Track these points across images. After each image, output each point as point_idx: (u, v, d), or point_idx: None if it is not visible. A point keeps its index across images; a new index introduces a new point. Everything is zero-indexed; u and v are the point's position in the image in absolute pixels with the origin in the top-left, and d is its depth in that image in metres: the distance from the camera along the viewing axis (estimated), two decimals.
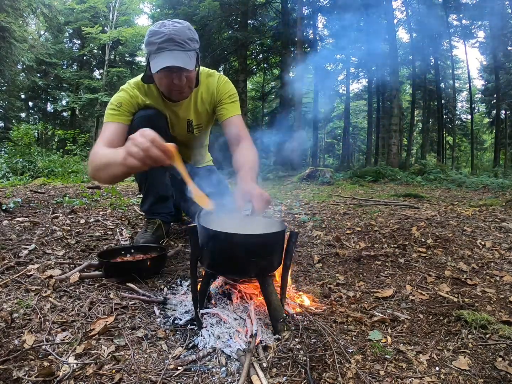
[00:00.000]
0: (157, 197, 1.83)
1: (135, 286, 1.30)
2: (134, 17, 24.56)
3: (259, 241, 1.02)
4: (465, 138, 24.98)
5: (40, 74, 20.62)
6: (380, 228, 2.39)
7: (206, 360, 0.90)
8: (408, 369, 0.89)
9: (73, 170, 7.49)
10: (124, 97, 1.56)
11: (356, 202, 4.03)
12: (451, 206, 3.84)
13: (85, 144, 10.81)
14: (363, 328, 1.09)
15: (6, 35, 12.91)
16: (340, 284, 1.46)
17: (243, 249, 1.00)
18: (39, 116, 23.20)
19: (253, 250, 1.00)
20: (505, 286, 1.44)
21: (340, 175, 9.71)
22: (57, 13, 16.75)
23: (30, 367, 0.83)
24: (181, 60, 1.36)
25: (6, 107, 18.95)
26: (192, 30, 1.43)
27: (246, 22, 13.97)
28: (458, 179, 8.54)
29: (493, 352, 0.97)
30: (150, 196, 1.85)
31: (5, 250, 1.57)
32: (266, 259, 1.03)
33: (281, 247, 1.07)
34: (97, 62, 22.61)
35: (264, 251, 1.02)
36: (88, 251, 1.69)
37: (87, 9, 19.60)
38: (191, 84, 1.54)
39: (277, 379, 0.84)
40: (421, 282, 1.48)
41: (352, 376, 0.85)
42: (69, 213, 2.43)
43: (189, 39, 1.39)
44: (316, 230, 2.30)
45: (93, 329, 1.00)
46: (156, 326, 1.06)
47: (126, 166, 1.04)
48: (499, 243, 2.05)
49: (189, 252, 1.70)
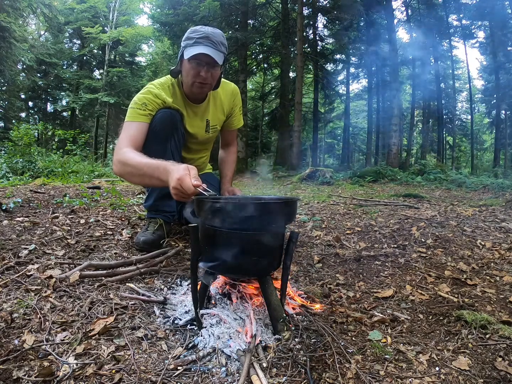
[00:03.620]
0: (163, 192, 1.83)
1: (135, 286, 1.30)
2: (134, 17, 24.55)
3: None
4: (465, 138, 24.97)
5: (40, 74, 20.63)
6: (380, 228, 2.39)
7: (206, 360, 0.90)
8: (408, 369, 0.89)
9: (73, 170, 7.48)
10: (149, 97, 1.63)
11: (356, 202, 4.03)
12: (451, 206, 3.85)
13: (85, 144, 10.80)
14: (363, 328, 1.09)
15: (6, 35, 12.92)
16: (340, 284, 1.46)
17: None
18: (39, 116, 23.19)
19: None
20: (505, 286, 1.44)
21: (340, 175, 9.70)
22: (57, 13, 16.74)
23: (30, 367, 0.83)
24: (213, 54, 1.52)
25: (6, 107, 18.95)
26: (224, 38, 1.62)
27: (246, 22, 13.95)
28: (458, 179, 8.54)
29: (493, 352, 0.97)
30: (155, 190, 1.85)
31: (5, 250, 1.57)
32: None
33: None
34: (97, 62, 22.60)
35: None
36: (88, 251, 1.69)
37: (87, 9, 19.59)
38: (213, 82, 1.66)
39: (277, 379, 0.84)
40: (421, 282, 1.48)
41: (352, 376, 0.85)
42: (69, 213, 2.43)
43: (222, 43, 1.57)
44: (316, 230, 2.30)
45: (93, 329, 1.00)
46: (156, 326, 1.06)
47: (160, 185, 1.23)
48: (499, 243, 2.05)
49: (189, 252, 1.70)
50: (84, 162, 9.20)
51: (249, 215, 0.94)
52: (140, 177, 1.33)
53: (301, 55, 12.18)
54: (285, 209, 1.04)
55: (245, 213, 0.94)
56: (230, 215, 0.94)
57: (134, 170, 1.34)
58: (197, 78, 1.59)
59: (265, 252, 1.03)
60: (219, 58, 1.55)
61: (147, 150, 1.48)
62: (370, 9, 13.24)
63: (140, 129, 1.57)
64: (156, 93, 1.65)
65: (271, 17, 15.55)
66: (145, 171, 1.28)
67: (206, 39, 1.52)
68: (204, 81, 1.60)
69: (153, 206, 1.89)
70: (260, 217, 0.95)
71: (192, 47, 1.52)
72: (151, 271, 1.46)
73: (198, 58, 1.53)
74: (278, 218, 1.01)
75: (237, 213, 0.95)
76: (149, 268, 1.47)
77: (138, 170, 1.31)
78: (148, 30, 19.17)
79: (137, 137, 1.53)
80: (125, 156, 1.39)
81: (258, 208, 0.97)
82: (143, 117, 1.59)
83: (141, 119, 1.59)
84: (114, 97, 18.87)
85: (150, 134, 1.61)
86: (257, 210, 0.96)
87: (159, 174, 1.21)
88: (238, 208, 0.96)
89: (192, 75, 1.59)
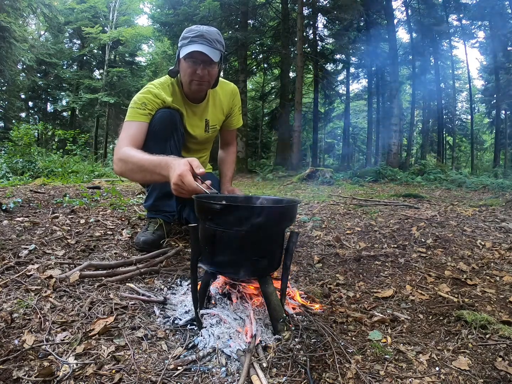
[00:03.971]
0: (163, 191, 1.83)
1: (135, 286, 1.30)
2: (134, 17, 24.55)
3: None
4: (465, 138, 24.97)
5: (40, 74, 20.64)
6: (380, 228, 2.39)
7: (206, 360, 0.90)
8: (408, 369, 0.89)
9: (73, 170, 7.48)
10: (148, 97, 1.63)
11: (356, 202, 4.03)
12: (451, 206, 3.84)
13: (85, 144, 10.80)
14: (363, 328, 1.09)
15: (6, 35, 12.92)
16: (340, 284, 1.46)
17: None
18: (39, 116, 23.19)
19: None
20: (505, 286, 1.44)
21: (340, 175, 9.70)
22: (57, 13, 16.74)
23: (30, 367, 0.83)
24: (208, 51, 1.52)
25: (6, 107, 18.95)
26: (220, 35, 1.62)
27: (246, 22, 13.96)
28: (458, 179, 8.54)
29: (493, 352, 0.97)
30: (155, 190, 1.85)
31: (5, 250, 1.57)
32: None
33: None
34: (97, 62, 22.61)
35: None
36: (88, 251, 1.69)
37: (87, 9, 19.60)
38: (211, 80, 1.66)
39: (277, 379, 0.84)
40: (421, 282, 1.48)
41: (352, 376, 0.85)
42: (69, 213, 2.43)
43: (217, 40, 1.57)
44: (316, 230, 2.30)
45: (93, 329, 1.00)
46: (156, 326, 1.06)
47: (162, 181, 1.22)
48: (499, 243, 2.05)
49: (189, 252, 1.70)
50: (84, 162, 9.20)
51: (249, 216, 0.94)
52: (141, 174, 1.34)
53: (301, 55, 12.17)
54: (286, 211, 1.04)
55: (246, 213, 0.94)
56: (231, 215, 0.94)
57: (135, 167, 1.35)
58: (194, 77, 1.60)
59: (265, 252, 1.03)
60: (215, 56, 1.55)
61: (147, 150, 1.49)
62: (370, 9, 13.24)
63: (140, 129, 1.57)
64: (156, 92, 1.65)
65: (271, 17, 15.56)
66: (147, 167, 1.28)
67: (201, 37, 1.53)
68: (201, 79, 1.61)
69: (153, 206, 1.88)
70: (261, 218, 0.95)
71: (187, 46, 1.54)
72: (151, 271, 1.46)
73: (194, 56, 1.54)
74: (278, 219, 1.01)
75: (237, 213, 0.95)
76: (149, 268, 1.47)
77: (139, 166, 1.32)
78: (148, 30, 19.19)
79: (137, 137, 1.54)
80: (126, 154, 1.40)
81: (258, 208, 0.97)
82: (143, 117, 1.59)
83: (141, 118, 1.59)
84: (114, 97, 18.88)
85: (149, 134, 1.61)
86: (258, 211, 0.96)
87: (160, 170, 1.21)
88: (239, 208, 0.96)
89: (189, 74, 1.60)
